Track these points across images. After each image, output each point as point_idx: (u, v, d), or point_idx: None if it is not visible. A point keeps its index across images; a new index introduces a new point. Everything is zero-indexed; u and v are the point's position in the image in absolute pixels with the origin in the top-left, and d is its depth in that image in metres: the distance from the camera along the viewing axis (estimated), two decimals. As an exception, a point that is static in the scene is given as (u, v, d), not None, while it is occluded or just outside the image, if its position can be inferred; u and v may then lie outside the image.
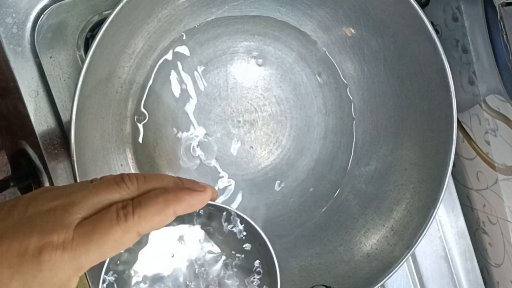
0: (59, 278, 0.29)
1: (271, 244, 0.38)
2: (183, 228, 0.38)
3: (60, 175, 0.47)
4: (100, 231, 0.30)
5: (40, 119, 0.46)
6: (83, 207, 0.31)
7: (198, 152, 0.53)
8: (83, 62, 0.41)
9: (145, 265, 0.38)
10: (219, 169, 0.54)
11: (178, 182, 0.34)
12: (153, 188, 0.33)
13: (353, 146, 0.56)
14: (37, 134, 0.46)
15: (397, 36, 0.51)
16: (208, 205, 0.36)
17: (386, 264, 0.51)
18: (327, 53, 0.55)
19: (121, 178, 0.32)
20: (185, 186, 0.33)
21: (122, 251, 0.35)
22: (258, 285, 0.39)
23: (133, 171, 0.51)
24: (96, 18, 0.47)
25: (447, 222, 0.60)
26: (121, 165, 0.50)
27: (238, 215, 0.38)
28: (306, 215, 0.56)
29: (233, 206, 0.52)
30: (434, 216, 0.50)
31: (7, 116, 0.50)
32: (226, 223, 0.38)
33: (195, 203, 0.33)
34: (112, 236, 0.30)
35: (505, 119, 0.54)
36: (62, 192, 0.31)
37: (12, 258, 0.29)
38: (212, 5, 0.50)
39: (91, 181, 0.33)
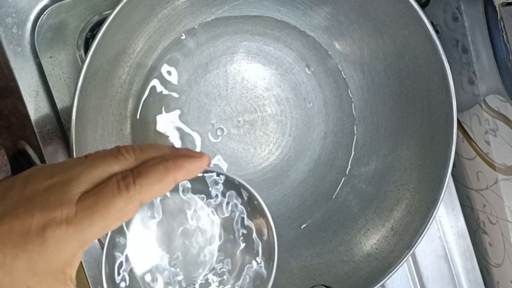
0: (64, 254, 0.29)
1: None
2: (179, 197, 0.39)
3: (60, 175, 0.47)
4: (103, 203, 0.30)
5: (40, 119, 0.46)
6: (83, 182, 0.30)
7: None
8: (83, 62, 0.41)
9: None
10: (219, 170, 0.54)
11: (174, 151, 0.34)
12: (151, 157, 0.33)
13: (353, 146, 0.56)
14: (37, 134, 0.46)
15: (397, 36, 0.51)
16: (204, 171, 0.36)
17: (386, 264, 0.51)
18: (327, 53, 0.55)
19: (118, 150, 0.32)
20: (182, 153, 0.33)
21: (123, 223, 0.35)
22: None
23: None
24: (96, 18, 0.47)
25: (447, 222, 0.60)
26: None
27: (230, 177, 0.37)
28: (306, 215, 0.56)
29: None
30: (434, 216, 0.50)
31: (7, 116, 0.50)
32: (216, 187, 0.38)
33: (193, 169, 0.33)
34: (115, 207, 0.30)
35: (505, 119, 0.54)
36: (59, 168, 0.31)
37: (15, 237, 0.29)
38: (212, 5, 0.50)
39: (86, 156, 0.33)
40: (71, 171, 0.31)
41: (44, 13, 0.46)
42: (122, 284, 0.36)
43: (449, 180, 0.50)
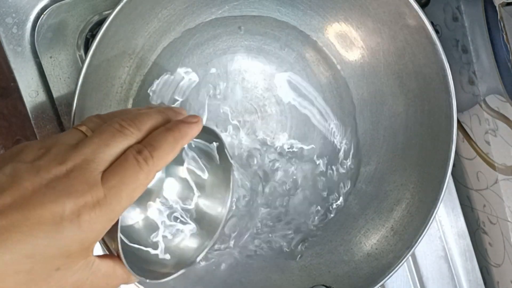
0: (97, 232, 0.31)
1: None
2: None
3: (60, 175, 0.47)
4: (128, 180, 0.32)
5: (40, 119, 0.46)
6: (100, 162, 0.32)
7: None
8: (83, 62, 0.41)
9: None
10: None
11: (170, 114, 0.37)
12: (152, 127, 0.35)
13: (353, 146, 0.56)
14: (37, 134, 0.46)
15: (397, 36, 0.51)
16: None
17: (386, 264, 0.51)
18: (327, 53, 0.55)
19: (121, 125, 0.33)
20: (182, 120, 0.36)
21: None
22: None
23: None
24: (96, 18, 0.47)
25: (447, 222, 0.60)
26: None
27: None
28: (306, 215, 0.56)
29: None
30: (434, 216, 0.50)
31: (7, 116, 0.50)
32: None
33: (195, 133, 0.36)
34: (139, 181, 0.32)
35: (505, 119, 0.54)
36: (64, 149, 0.32)
37: (46, 227, 0.29)
38: (212, 5, 0.50)
39: (79, 129, 0.34)
40: (83, 152, 0.32)
41: (44, 13, 0.46)
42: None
43: (449, 180, 0.50)
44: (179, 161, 0.44)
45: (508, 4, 0.48)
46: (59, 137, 0.33)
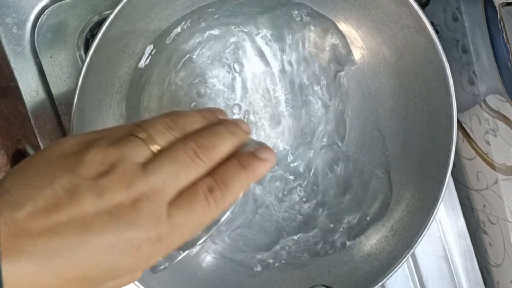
0: (148, 264, 0.30)
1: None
2: None
3: (60, 175, 0.47)
4: (195, 219, 0.30)
5: (40, 119, 0.46)
6: (168, 194, 0.29)
7: None
8: (83, 62, 0.41)
9: None
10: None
11: (236, 133, 0.33)
12: (225, 156, 0.32)
13: (353, 146, 0.56)
14: (37, 134, 0.46)
15: (397, 36, 0.51)
16: None
17: (386, 264, 0.51)
18: (327, 53, 0.55)
19: (195, 154, 0.31)
20: (257, 156, 0.33)
21: None
22: None
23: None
24: (96, 18, 0.47)
25: (447, 222, 0.60)
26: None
27: None
28: (306, 215, 0.56)
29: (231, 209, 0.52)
30: (434, 216, 0.50)
31: (7, 116, 0.50)
32: None
33: (265, 173, 0.33)
34: (205, 221, 0.31)
35: (505, 119, 0.54)
36: (130, 169, 0.29)
37: (102, 256, 0.28)
38: (212, 5, 0.50)
39: (148, 146, 0.30)
40: (153, 181, 0.29)
41: (44, 13, 0.46)
42: None
43: (449, 180, 0.50)
44: None
45: (508, 4, 0.48)
46: (122, 149, 0.29)
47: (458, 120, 0.49)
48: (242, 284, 0.52)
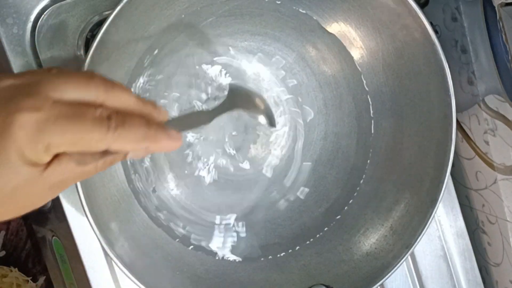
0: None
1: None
2: None
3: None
4: (80, 122, 0.28)
5: (40, 119, 0.46)
6: (54, 88, 0.29)
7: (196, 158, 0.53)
8: (83, 62, 0.41)
9: None
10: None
11: (152, 114, 0.32)
12: (128, 108, 0.31)
13: (353, 146, 0.56)
14: (38, 134, 0.46)
15: (396, 36, 0.51)
16: None
17: (385, 263, 0.51)
18: (327, 53, 0.55)
19: (91, 77, 0.30)
20: (165, 131, 0.32)
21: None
22: None
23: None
24: (96, 18, 0.47)
25: (446, 221, 0.60)
26: (121, 165, 0.50)
27: None
28: (306, 215, 0.56)
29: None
30: (433, 216, 0.50)
31: (8, 116, 0.50)
32: None
33: (166, 148, 0.32)
34: (91, 134, 0.28)
35: (504, 119, 0.54)
36: (22, 73, 0.30)
37: None
38: (212, 5, 0.50)
39: (48, 69, 0.30)
40: (39, 77, 0.29)
41: (45, 13, 0.46)
42: None
43: (448, 180, 0.50)
44: None
45: (507, 4, 0.48)
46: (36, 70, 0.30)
47: (457, 120, 0.49)
48: (242, 283, 0.52)
